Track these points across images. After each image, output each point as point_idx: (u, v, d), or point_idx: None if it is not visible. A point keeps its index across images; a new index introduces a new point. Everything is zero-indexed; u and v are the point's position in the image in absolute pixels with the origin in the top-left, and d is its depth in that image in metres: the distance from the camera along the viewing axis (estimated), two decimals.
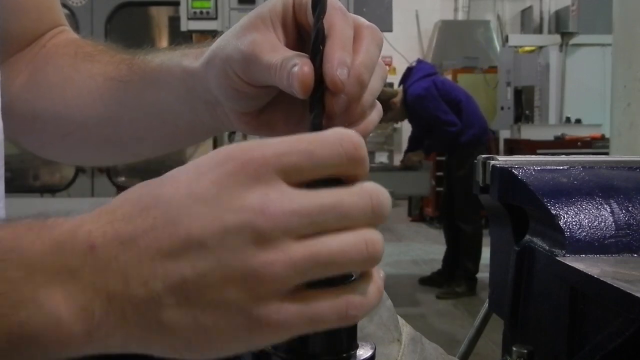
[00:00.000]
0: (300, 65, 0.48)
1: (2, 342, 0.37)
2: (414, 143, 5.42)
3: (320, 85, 0.49)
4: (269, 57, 0.51)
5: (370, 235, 0.40)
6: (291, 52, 0.51)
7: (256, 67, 0.52)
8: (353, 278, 0.43)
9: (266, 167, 0.38)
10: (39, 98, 0.74)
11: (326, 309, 0.39)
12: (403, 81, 5.23)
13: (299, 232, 0.38)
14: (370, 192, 0.40)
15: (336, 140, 0.40)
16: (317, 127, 0.49)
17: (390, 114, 5.13)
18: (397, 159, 9.83)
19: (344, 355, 0.46)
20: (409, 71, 5.25)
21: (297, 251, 0.38)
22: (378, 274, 0.43)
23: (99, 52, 0.73)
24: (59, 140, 0.75)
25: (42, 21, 0.78)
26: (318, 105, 0.49)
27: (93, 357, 0.40)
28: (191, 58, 0.61)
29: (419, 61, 5.50)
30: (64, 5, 4.06)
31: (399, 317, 0.68)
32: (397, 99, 5.11)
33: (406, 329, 0.68)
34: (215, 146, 4.54)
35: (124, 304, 0.38)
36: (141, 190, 0.41)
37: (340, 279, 0.41)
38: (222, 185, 0.38)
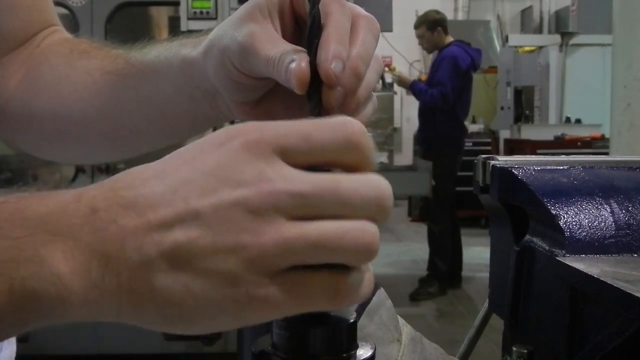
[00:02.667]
0: (298, 62, 0.48)
1: (3, 298, 0.38)
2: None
3: (316, 77, 0.49)
4: (266, 51, 0.51)
5: (368, 227, 0.39)
6: (289, 46, 0.51)
7: (254, 60, 0.52)
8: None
9: (264, 145, 0.39)
10: (34, 97, 0.73)
11: (315, 289, 0.39)
12: (456, 41, 5.33)
13: (292, 211, 0.38)
14: (376, 183, 0.40)
15: (336, 124, 0.40)
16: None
17: (429, 34, 5.24)
18: (397, 159, 9.85)
19: (344, 355, 0.46)
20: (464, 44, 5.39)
21: (289, 230, 0.38)
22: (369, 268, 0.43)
23: (94, 49, 0.73)
24: (56, 139, 0.75)
25: (33, 21, 0.78)
26: (315, 97, 0.49)
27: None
28: (189, 47, 0.61)
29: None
30: (64, 6, 4.07)
31: (399, 317, 0.68)
32: (444, 37, 5.23)
33: (406, 329, 0.68)
34: None
35: (119, 267, 0.39)
36: (146, 166, 0.42)
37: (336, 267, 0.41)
38: (222, 160, 0.39)
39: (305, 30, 0.51)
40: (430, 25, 5.25)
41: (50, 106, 0.72)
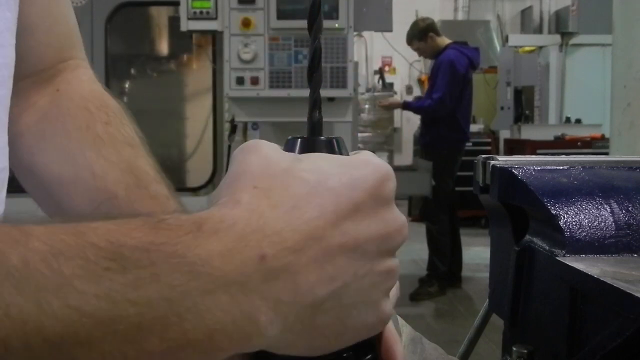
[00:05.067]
0: None
1: (161, 346, 0.36)
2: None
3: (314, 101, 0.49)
4: None
5: None
6: None
7: None
8: None
9: (392, 186, 0.45)
10: (41, 154, 0.71)
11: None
12: (453, 43, 5.33)
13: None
14: None
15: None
16: (316, 126, 0.49)
17: (422, 44, 5.29)
18: (397, 159, 9.84)
19: (344, 355, 0.46)
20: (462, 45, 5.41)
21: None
22: None
23: (109, 143, 0.69)
24: (47, 210, 0.72)
25: (49, 46, 0.74)
26: (316, 102, 0.49)
27: None
28: None
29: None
30: None
31: (399, 317, 0.68)
32: (439, 40, 5.25)
33: (406, 330, 0.68)
34: (215, 139, 4.54)
35: (288, 311, 0.39)
36: (292, 193, 0.41)
37: None
38: (374, 198, 0.43)
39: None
40: (420, 36, 5.24)
41: (49, 180, 0.70)
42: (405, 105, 5.47)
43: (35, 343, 0.33)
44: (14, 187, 0.70)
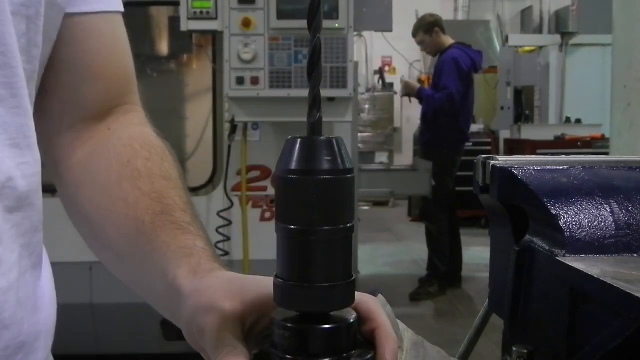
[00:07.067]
0: None
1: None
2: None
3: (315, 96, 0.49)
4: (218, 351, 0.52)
5: None
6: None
7: (205, 345, 0.54)
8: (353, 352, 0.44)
9: None
10: (83, 187, 0.76)
11: None
12: (457, 43, 5.34)
13: None
14: None
15: None
16: (315, 126, 0.49)
17: (427, 38, 5.29)
18: (397, 159, 9.85)
19: (344, 355, 0.46)
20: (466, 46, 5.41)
21: None
22: None
23: (145, 176, 0.74)
24: (87, 237, 0.78)
25: (109, 92, 0.79)
26: (316, 99, 0.49)
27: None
28: (189, 269, 0.62)
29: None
30: None
31: (400, 322, 0.67)
32: (444, 38, 5.27)
33: (408, 334, 0.67)
34: (215, 139, 4.55)
35: None
36: None
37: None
38: None
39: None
40: (427, 29, 5.26)
41: (88, 210, 0.75)
42: (419, 91, 5.43)
43: None
44: None
